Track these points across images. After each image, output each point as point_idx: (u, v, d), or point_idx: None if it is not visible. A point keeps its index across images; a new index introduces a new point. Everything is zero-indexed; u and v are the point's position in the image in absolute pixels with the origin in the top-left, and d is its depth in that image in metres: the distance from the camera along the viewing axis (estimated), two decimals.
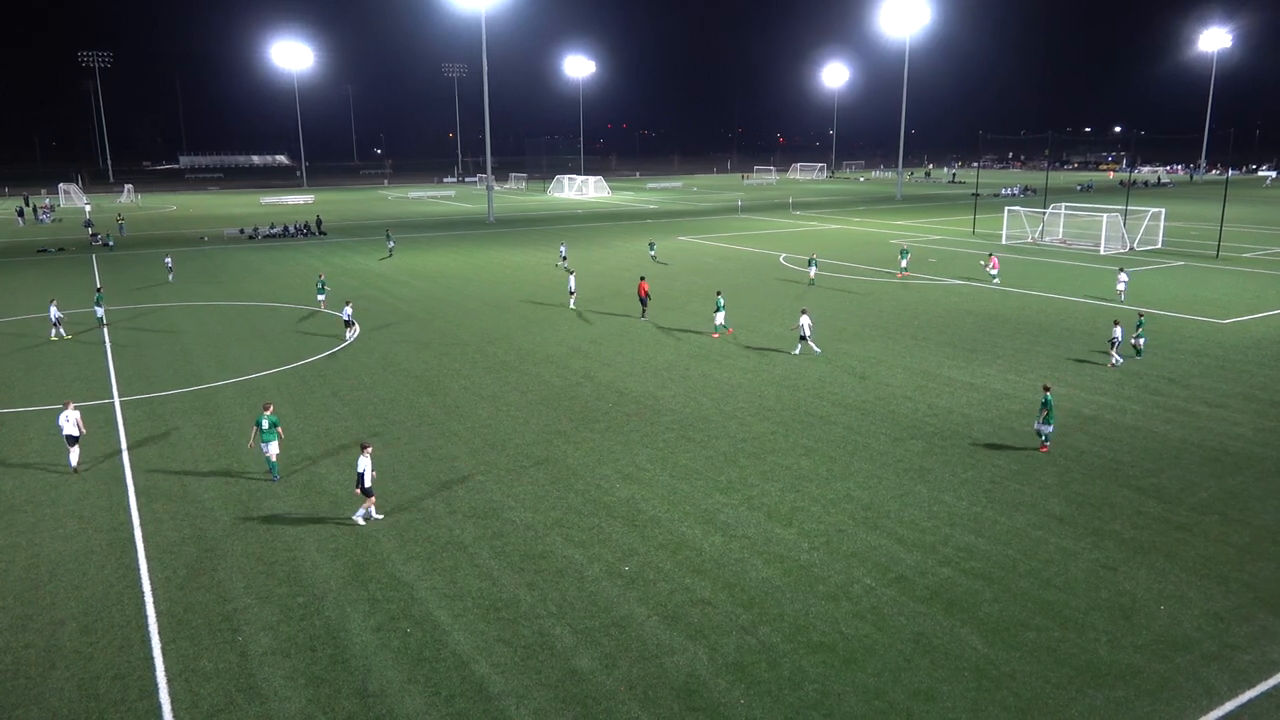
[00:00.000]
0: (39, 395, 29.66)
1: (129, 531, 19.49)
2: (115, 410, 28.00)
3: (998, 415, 26.71)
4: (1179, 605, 16.19)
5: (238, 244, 75.15)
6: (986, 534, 19.00)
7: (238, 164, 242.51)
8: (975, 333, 37.88)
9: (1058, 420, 26.14)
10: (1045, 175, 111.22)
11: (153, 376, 32.00)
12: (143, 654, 14.93)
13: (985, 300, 45.23)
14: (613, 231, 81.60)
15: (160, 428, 26.40)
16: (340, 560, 18.08)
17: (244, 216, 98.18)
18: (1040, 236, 70.48)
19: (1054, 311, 42.46)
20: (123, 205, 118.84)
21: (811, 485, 21.68)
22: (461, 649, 14.99)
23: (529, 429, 26.03)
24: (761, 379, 30.94)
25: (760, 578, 17.25)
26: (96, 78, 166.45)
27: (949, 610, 16.03)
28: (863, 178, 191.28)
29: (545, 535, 19.16)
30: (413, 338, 38.00)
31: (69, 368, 33.39)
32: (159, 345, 37.13)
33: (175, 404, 28.76)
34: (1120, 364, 31.99)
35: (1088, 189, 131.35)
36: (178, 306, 45.75)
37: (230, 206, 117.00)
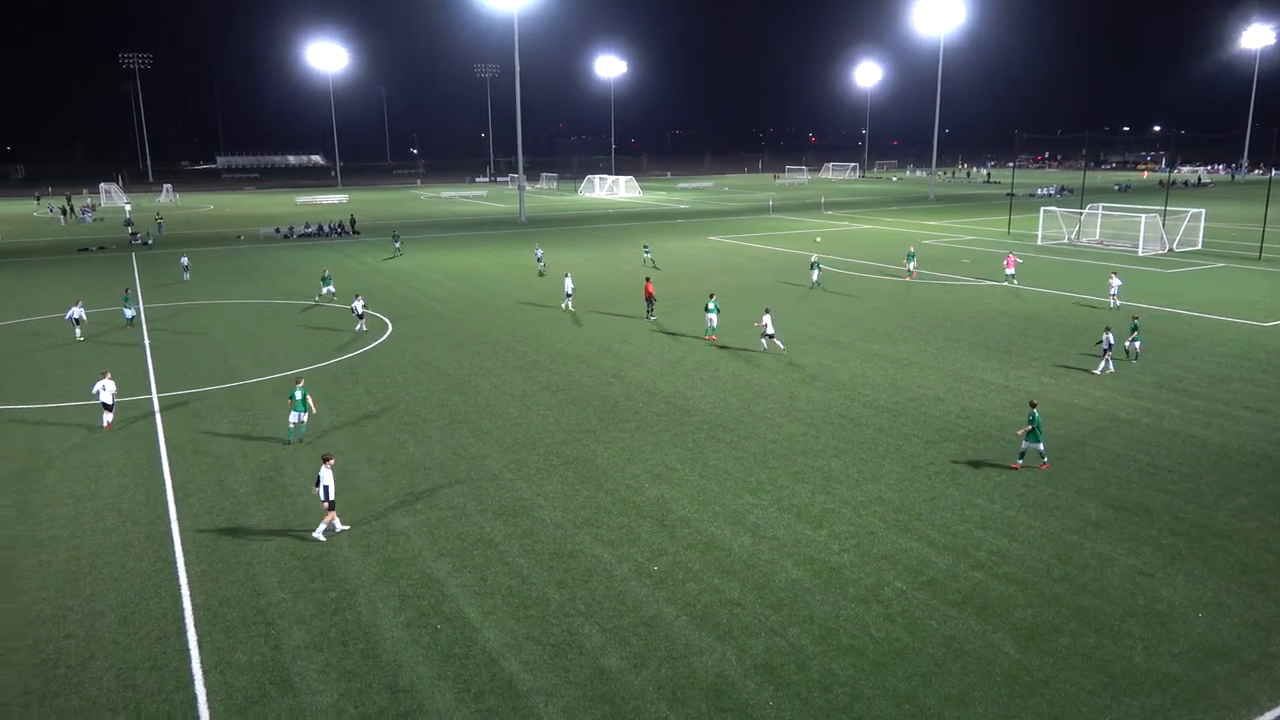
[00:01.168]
0: (79, 392, 30.24)
1: (166, 525, 19.81)
2: (154, 406, 28.47)
3: None
4: (1218, 613, 15.90)
5: (273, 243, 76.10)
6: (1020, 538, 18.78)
7: (274, 164, 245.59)
8: (1009, 334, 37.44)
9: (1093, 425, 25.80)
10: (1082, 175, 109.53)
11: (189, 373, 32.51)
12: (179, 646, 15.17)
13: (1019, 302, 44.70)
14: (643, 231, 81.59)
15: (197, 423, 26.80)
16: (372, 556, 18.25)
17: (279, 216, 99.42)
18: (1077, 237, 69.51)
19: (1089, 313, 41.85)
20: (161, 205, 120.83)
21: (842, 487, 21.55)
22: (491, 646, 15.07)
23: (559, 428, 26.11)
24: (792, 379, 30.81)
25: (790, 579, 17.18)
26: (137, 79, 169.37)
27: (981, 615, 15.86)
28: (895, 177, 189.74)
29: (575, 534, 19.21)
30: (445, 336, 38.26)
31: (107, 364, 33.99)
32: (195, 342, 37.70)
33: (211, 400, 29.19)
34: (1112, 370, 31.05)
35: (1125, 189, 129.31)
36: (213, 304, 46.43)
37: (266, 206, 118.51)
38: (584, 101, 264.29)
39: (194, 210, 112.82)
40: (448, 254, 66.37)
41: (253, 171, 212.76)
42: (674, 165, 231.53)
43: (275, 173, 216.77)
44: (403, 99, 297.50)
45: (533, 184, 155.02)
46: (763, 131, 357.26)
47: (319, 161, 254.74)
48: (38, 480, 22.44)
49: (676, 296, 46.78)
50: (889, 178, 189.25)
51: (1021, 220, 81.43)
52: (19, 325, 41.57)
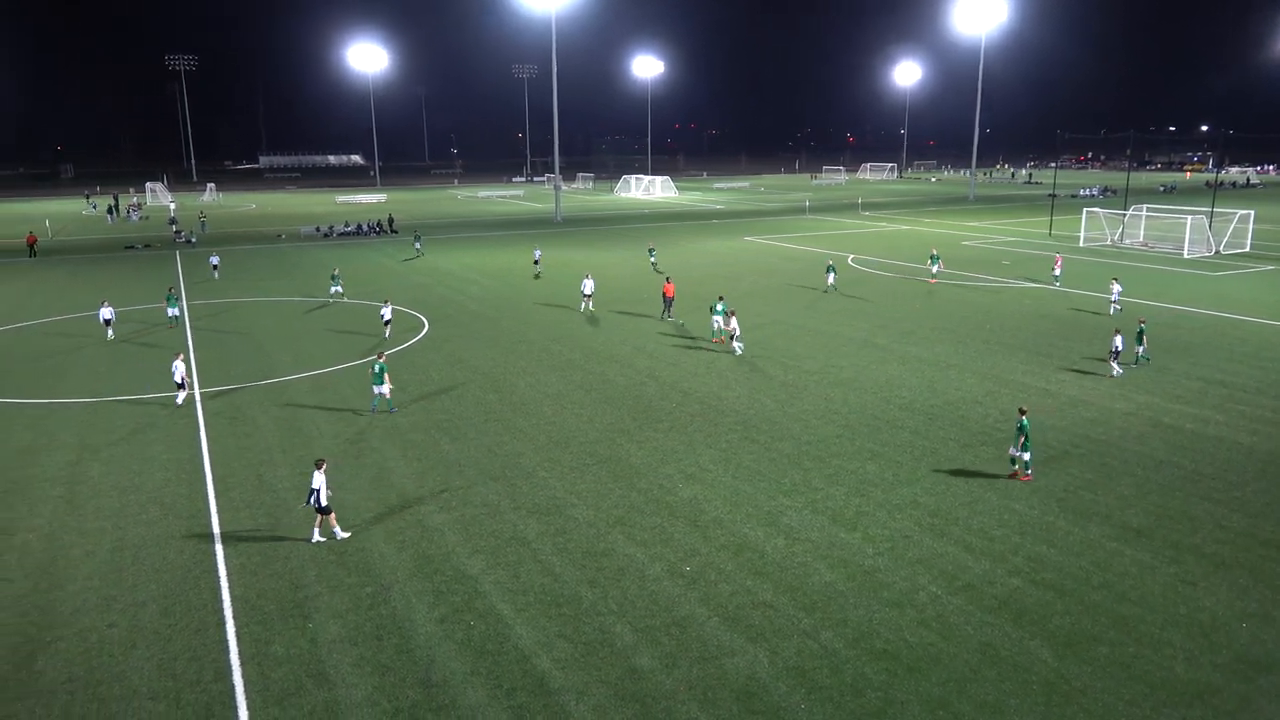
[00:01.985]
0: (127, 386, 30.88)
1: (206, 519, 20.16)
2: (196, 402, 28.99)
3: (1072, 423, 25.98)
4: (1262, 624, 15.54)
5: (313, 241, 77.13)
6: (1059, 544, 18.50)
7: (314, 164, 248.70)
8: (1049, 337, 36.89)
9: (1135, 431, 25.35)
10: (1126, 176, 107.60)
11: (230, 369, 33.05)
12: (218, 637, 15.44)
13: (1060, 304, 44.02)
14: (678, 232, 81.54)
15: (237, 419, 27.24)
16: (407, 552, 18.43)
17: (320, 215, 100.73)
18: (1120, 239, 68.32)
19: (1134, 316, 41.05)
20: (205, 203, 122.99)
21: (877, 490, 21.38)
22: (523, 643, 15.16)
23: (593, 427, 26.18)
24: (828, 381, 30.62)
25: (823, 582, 17.08)
26: (182, 81, 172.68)
27: (1018, 621, 15.65)
28: (934, 178, 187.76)
29: (607, 533, 19.25)
30: (480, 335, 38.53)
31: (152, 360, 34.69)
32: (236, 339, 38.31)
33: (251, 396, 29.65)
34: (1121, 375, 30.64)
35: (1171, 190, 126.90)
36: (254, 302, 47.16)
37: (307, 205, 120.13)
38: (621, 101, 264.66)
39: (236, 209, 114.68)
40: (484, 253, 66.80)
41: (294, 171, 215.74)
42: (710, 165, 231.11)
43: (316, 172, 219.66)
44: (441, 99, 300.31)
45: (569, 184, 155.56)
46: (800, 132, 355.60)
47: (358, 161, 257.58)
48: (84, 473, 22.96)
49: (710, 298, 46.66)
50: (927, 178, 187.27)
51: (1063, 221, 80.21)
52: (71, 321, 42.52)
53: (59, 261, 64.44)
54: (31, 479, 22.52)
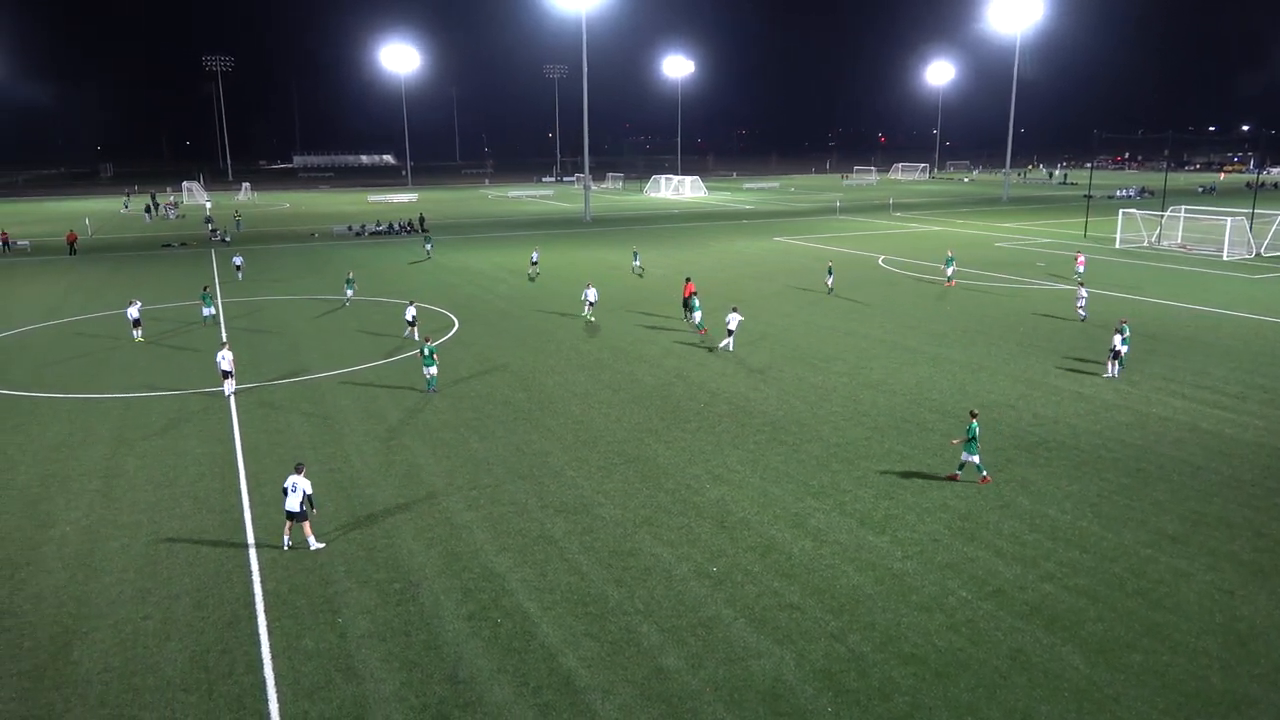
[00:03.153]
0: (162, 381, 31.38)
1: (239, 514, 20.45)
2: (230, 400, 29.39)
3: (1106, 427, 25.63)
4: None
5: (345, 240, 77.92)
6: (1092, 550, 18.25)
7: (347, 163, 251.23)
8: (1086, 341, 36.39)
9: (1171, 435, 24.96)
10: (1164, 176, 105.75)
11: (263, 366, 33.47)
12: (249, 630, 15.66)
13: (1095, 306, 43.41)
14: (708, 232, 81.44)
15: (270, 417, 27.59)
16: (435, 549, 18.57)
17: (352, 214, 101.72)
18: (1157, 240, 67.26)
19: (1170, 319, 40.45)
20: (240, 202, 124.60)
21: (906, 493, 21.22)
22: (550, 641, 15.22)
23: (621, 426, 26.22)
24: (858, 382, 30.43)
25: (851, 585, 16.98)
26: (218, 81, 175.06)
27: (1049, 627, 15.46)
28: (967, 178, 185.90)
29: (634, 533, 19.27)
30: (509, 333, 38.72)
31: (188, 357, 35.22)
32: (268, 337, 38.79)
33: (284, 393, 30.02)
34: (1115, 378, 30.37)
35: (1210, 191, 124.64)
36: (286, 300, 47.71)
37: (339, 204, 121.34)
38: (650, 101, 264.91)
39: (271, 208, 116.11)
40: (514, 252, 67.09)
41: (327, 170, 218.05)
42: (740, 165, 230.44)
43: (349, 172, 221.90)
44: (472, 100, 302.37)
45: (598, 184, 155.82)
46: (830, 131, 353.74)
47: (390, 161, 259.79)
48: (120, 467, 23.36)
49: (738, 298, 46.59)
50: (960, 178, 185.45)
51: (1099, 223, 79.11)
52: (107, 319, 43.26)
53: (98, 259, 65.61)
54: (70, 473, 22.96)
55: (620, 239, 75.24)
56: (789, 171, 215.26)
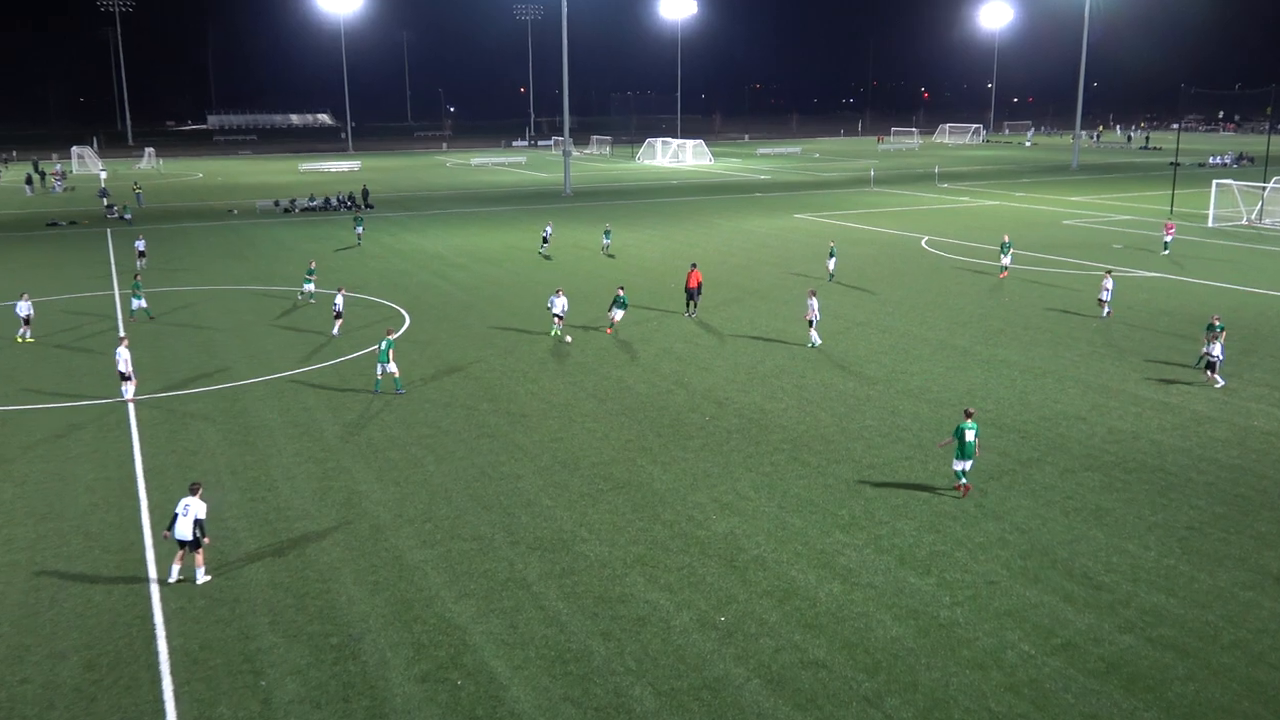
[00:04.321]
0: (48, 389, 31.24)
1: (140, 553, 20.32)
2: (128, 411, 29.28)
3: (1198, 444, 25.71)
4: None
5: (271, 218, 77.82)
6: (1180, 594, 18.29)
7: (274, 124, 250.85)
8: (1172, 339, 36.53)
9: (1277, 454, 25.02)
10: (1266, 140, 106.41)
11: (171, 371, 33.36)
12: (152, 696, 15.52)
13: (1186, 297, 43.60)
14: (713, 208, 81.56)
15: (179, 432, 27.48)
16: (381, 596, 18.50)
17: (279, 186, 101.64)
18: (1259, 218, 67.58)
19: (1274, 314, 40.61)
20: (142, 172, 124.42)
21: (955, 524, 21.24)
22: (521, 707, 15.16)
23: (608, 445, 26.19)
24: (895, 391, 30.48)
25: (888, 637, 16.98)
26: (116, 25, 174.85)
27: (1129, 688, 15.49)
28: (1028, 142, 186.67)
29: (625, 575, 19.24)
30: (472, 332, 38.68)
31: (81, 359, 35.07)
32: (179, 335, 38.69)
33: (197, 404, 29.91)
34: (1223, 384, 30.38)
35: None
36: (201, 290, 47.61)
37: (264, 174, 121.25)
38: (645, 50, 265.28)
39: (180, 178, 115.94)
40: (477, 233, 67.09)
41: (249, 133, 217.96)
42: (753, 127, 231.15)
43: (275, 135, 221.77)
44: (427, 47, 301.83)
45: (581, 149, 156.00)
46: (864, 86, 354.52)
47: (327, 122, 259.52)
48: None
49: (755, 288, 46.66)
50: (1020, 142, 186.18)
51: (1188, 197, 79.50)
52: None
53: None
54: None
55: (607, 217, 75.28)
56: (812, 134, 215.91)
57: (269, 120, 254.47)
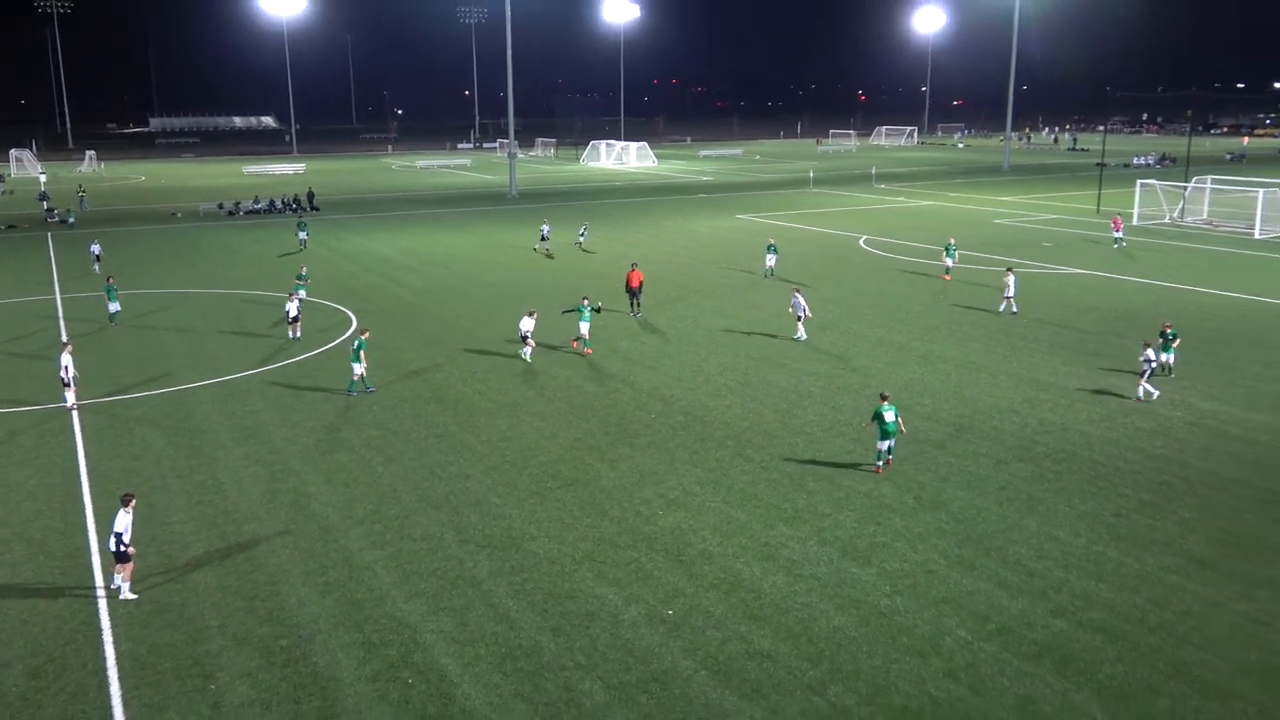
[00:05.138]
0: None
1: (86, 559, 19.93)
2: (72, 416, 28.67)
3: (1124, 434, 26.29)
4: None
5: (215, 221, 76.60)
6: (1109, 579, 18.70)
7: (217, 127, 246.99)
8: (1099, 333, 37.31)
9: (1198, 444, 25.67)
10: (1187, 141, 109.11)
11: (117, 376, 32.72)
12: (100, 702, 15.25)
13: (1112, 294, 44.54)
14: (658, 209, 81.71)
15: (124, 437, 26.97)
16: (331, 596, 18.33)
17: (223, 189, 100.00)
18: (1181, 216, 69.21)
19: (1198, 308, 41.66)
20: (84, 175, 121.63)
21: (895, 516, 21.52)
22: (472, 704, 15.11)
23: (555, 443, 26.17)
24: (835, 386, 30.78)
25: (831, 627, 17.16)
26: (55, 26, 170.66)
27: (1062, 671, 15.81)
28: (962, 143, 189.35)
29: (573, 571, 19.24)
30: (420, 333, 38.41)
31: (21, 365, 34.27)
32: (124, 339, 37.95)
33: (142, 409, 29.38)
34: (1156, 396, 28.88)
35: (1240, 159, 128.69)
36: (146, 295, 46.71)
37: (208, 177, 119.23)
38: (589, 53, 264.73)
39: (122, 181, 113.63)
40: (425, 235, 66.60)
41: (192, 136, 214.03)
42: (695, 129, 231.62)
43: (219, 137, 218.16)
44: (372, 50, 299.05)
45: (526, 151, 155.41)
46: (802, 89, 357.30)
47: (271, 124, 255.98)
48: None
49: (698, 287, 46.85)
50: (954, 144, 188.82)
51: (1114, 196, 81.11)
52: None
53: None
54: None
55: (554, 218, 75.07)
56: (753, 136, 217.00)
57: (212, 123, 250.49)
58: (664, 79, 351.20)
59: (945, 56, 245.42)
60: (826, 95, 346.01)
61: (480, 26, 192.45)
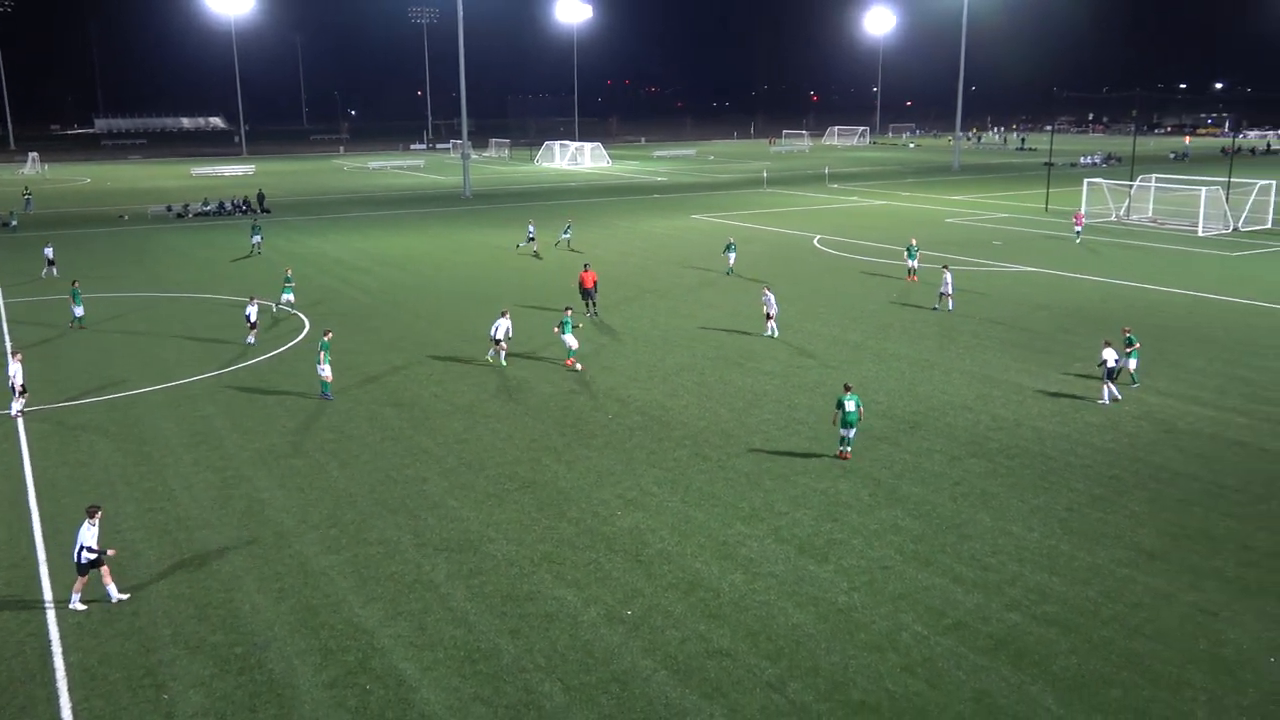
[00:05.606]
0: None
1: (33, 568, 19.56)
2: (17, 423, 28.10)
3: (1075, 430, 26.69)
4: None
5: (164, 223, 75.46)
6: (1062, 572, 18.97)
7: (164, 128, 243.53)
8: (1049, 330, 37.85)
9: (1146, 437, 26.12)
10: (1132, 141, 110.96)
11: (62, 382, 32.11)
12: (49, 715, 14.97)
13: (1062, 291, 45.20)
14: (612, 209, 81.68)
15: (71, 444, 26.48)
16: (286, 603, 18.12)
17: (171, 191, 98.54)
18: (1126, 214, 70.41)
19: (1145, 304, 42.42)
20: (27, 176, 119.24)
21: (851, 513, 21.67)
22: (431, 709, 15.01)
23: (513, 445, 26.07)
24: (791, 385, 30.96)
25: (790, 624, 17.25)
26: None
27: (1017, 663, 16.01)
28: (912, 143, 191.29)
29: (532, 573, 19.18)
30: (375, 335, 38.09)
31: None
32: (70, 344, 37.26)
33: (89, 415, 28.86)
34: (1118, 400, 28.55)
35: (1183, 158, 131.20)
36: (93, 299, 45.86)
37: (155, 179, 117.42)
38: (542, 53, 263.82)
39: (67, 184, 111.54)
40: (379, 237, 66.08)
41: (139, 137, 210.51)
42: (649, 130, 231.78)
43: (166, 138, 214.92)
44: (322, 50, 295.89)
45: (480, 151, 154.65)
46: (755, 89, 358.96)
47: (219, 125, 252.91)
48: None
49: (654, 287, 46.90)
50: (906, 144, 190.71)
51: (1061, 195, 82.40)
52: None
53: None
54: None
55: (509, 218, 74.81)
56: (707, 137, 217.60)
57: (159, 124, 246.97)
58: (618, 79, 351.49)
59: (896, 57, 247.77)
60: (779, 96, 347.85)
61: (432, 27, 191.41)
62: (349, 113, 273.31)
